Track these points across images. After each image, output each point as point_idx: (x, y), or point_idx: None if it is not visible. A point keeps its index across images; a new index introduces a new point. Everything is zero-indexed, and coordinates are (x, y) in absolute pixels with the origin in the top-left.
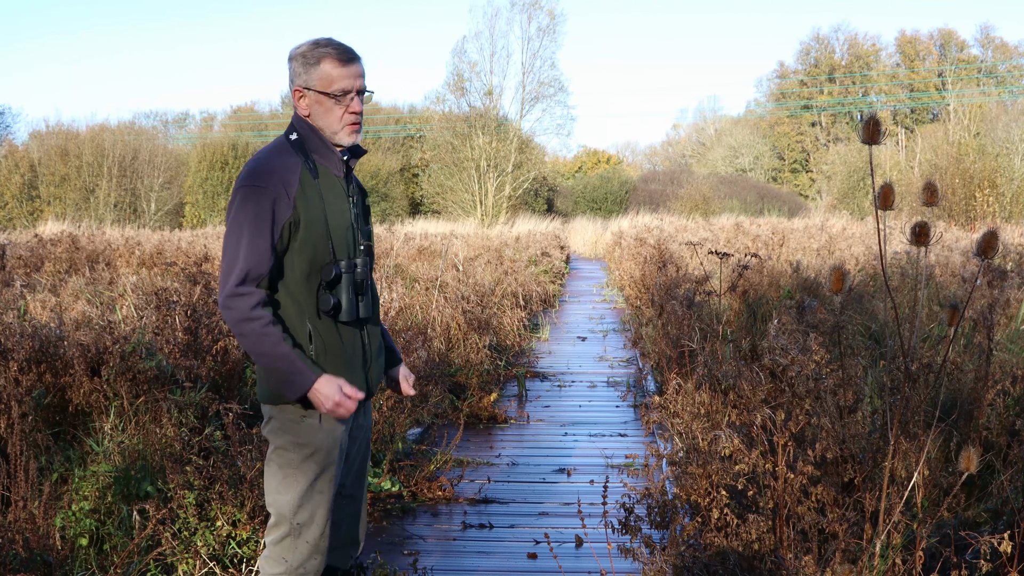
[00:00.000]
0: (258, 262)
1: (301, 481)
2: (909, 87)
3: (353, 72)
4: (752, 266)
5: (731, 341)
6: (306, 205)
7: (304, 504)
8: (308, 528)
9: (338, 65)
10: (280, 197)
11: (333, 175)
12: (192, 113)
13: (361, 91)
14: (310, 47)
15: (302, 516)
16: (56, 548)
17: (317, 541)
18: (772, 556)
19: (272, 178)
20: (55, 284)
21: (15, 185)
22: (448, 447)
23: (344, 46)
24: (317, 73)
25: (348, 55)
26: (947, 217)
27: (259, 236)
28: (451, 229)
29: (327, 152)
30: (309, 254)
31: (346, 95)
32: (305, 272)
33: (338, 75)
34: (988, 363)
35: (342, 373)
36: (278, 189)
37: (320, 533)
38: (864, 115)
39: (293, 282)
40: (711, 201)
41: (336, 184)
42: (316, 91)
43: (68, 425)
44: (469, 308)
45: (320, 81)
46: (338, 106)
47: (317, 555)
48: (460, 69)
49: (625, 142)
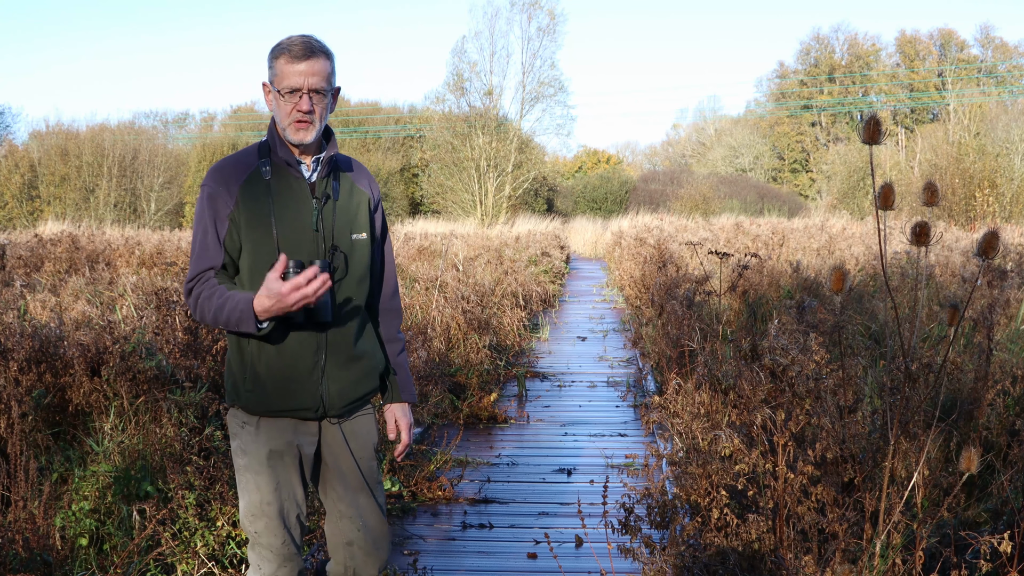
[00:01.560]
0: (205, 257)
1: (248, 490)
2: (909, 87)
3: (304, 70)
4: (752, 266)
5: (731, 341)
6: (250, 203)
7: (255, 514)
8: (265, 538)
9: (290, 62)
10: (219, 193)
11: (291, 175)
12: (192, 113)
13: (317, 90)
14: (278, 43)
15: (257, 525)
16: (56, 548)
17: (281, 550)
18: (772, 556)
19: (217, 176)
20: (55, 284)
21: (15, 185)
22: (448, 447)
23: (307, 44)
24: (274, 70)
25: (304, 52)
26: (947, 217)
27: (206, 233)
28: (451, 229)
29: (287, 153)
30: (252, 252)
31: (294, 92)
32: (250, 270)
33: (289, 72)
34: (988, 363)
35: (283, 379)
36: (219, 186)
37: (281, 542)
38: (864, 115)
39: (244, 279)
40: (711, 201)
41: (295, 184)
42: (273, 87)
43: (68, 425)
44: (469, 308)
45: (275, 78)
46: (287, 103)
47: (287, 563)
48: (460, 69)
49: (625, 142)
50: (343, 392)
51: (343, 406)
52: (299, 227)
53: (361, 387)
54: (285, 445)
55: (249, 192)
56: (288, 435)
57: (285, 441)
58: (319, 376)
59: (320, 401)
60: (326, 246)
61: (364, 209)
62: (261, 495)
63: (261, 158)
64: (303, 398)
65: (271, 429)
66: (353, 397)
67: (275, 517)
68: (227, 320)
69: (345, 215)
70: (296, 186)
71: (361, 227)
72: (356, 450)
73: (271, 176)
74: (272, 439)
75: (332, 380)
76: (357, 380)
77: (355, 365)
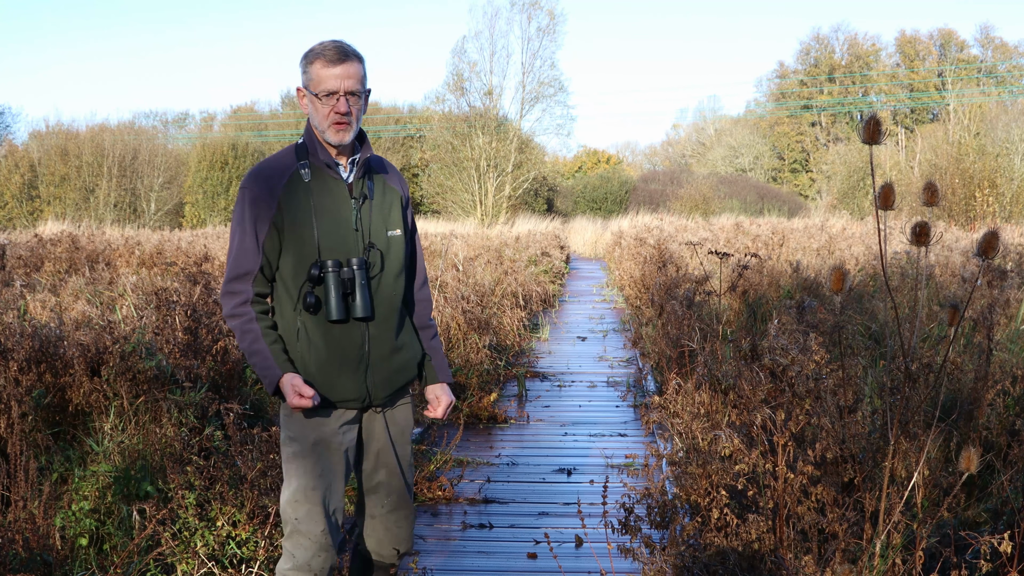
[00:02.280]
0: (244, 260)
1: (294, 476)
2: (909, 87)
3: (341, 73)
4: (752, 266)
5: (731, 341)
6: (292, 205)
7: (299, 500)
8: (306, 524)
9: (327, 66)
10: (262, 197)
11: (330, 177)
12: (192, 113)
13: (353, 92)
14: (310, 49)
15: (298, 511)
16: (56, 548)
17: (320, 538)
18: (772, 556)
19: (258, 179)
20: (55, 284)
21: (15, 185)
22: (448, 447)
23: (340, 48)
24: (311, 73)
25: (340, 57)
26: (947, 217)
27: (245, 234)
28: (451, 229)
29: (324, 154)
30: (294, 252)
31: (331, 95)
32: (292, 269)
33: (326, 76)
34: (988, 363)
35: (330, 373)
36: (261, 190)
37: (321, 529)
38: (864, 115)
39: (286, 278)
40: (711, 201)
41: (334, 186)
42: (309, 91)
43: (68, 425)
44: (469, 308)
45: (312, 82)
46: (324, 106)
47: (323, 552)
48: (460, 69)
49: (625, 142)
50: (386, 382)
51: (386, 396)
52: (339, 227)
53: (402, 377)
54: (332, 434)
55: (291, 195)
56: (335, 424)
57: (332, 429)
58: (364, 368)
59: (366, 392)
60: (364, 244)
61: (397, 207)
62: (306, 481)
63: (300, 160)
64: (350, 389)
65: (319, 418)
66: (395, 387)
67: (318, 504)
68: (254, 366)
69: (381, 213)
70: (335, 187)
71: (395, 224)
72: (395, 435)
73: (311, 178)
74: (320, 428)
75: (376, 371)
76: (398, 370)
77: (396, 356)
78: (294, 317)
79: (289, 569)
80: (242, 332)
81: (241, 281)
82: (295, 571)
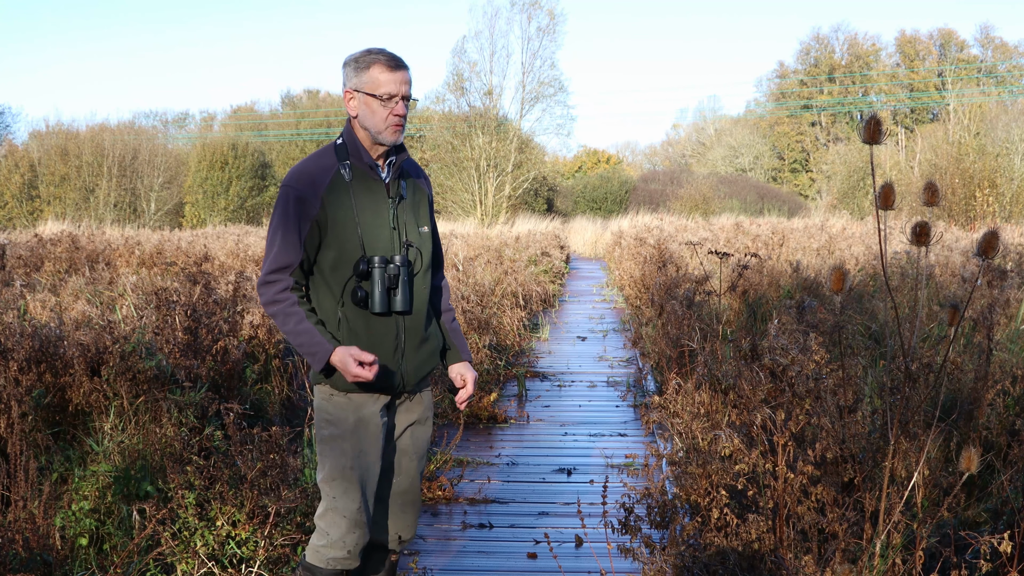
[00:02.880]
0: (286, 254)
1: (331, 456)
2: (909, 87)
3: (399, 78)
4: (752, 266)
5: (731, 341)
6: (335, 204)
7: (336, 478)
8: (342, 501)
9: (386, 71)
10: (307, 196)
11: (370, 178)
12: (192, 113)
13: (406, 97)
14: (363, 54)
15: (336, 490)
16: (56, 548)
17: (355, 515)
18: (772, 556)
19: (302, 179)
20: (55, 284)
21: (15, 185)
22: (448, 447)
23: (394, 55)
24: (366, 77)
25: (396, 63)
26: (947, 217)
27: (288, 231)
28: (451, 229)
29: (366, 156)
30: (337, 248)
31: (391, 98)
32: (334, 265)
33: (385, 80)
34: (988, 363)
35: None
36: (306, 189)
37: (357, 507)
38: (864, 115)
39: (327, 272)
40: (711, 201)
41: (373, 186)
42: (365, 93)
43: (68, 425)
44: (469, 308)
45: (369, 84)
46: (383, 108)
47: (356, 529)
48: (460, 69)
49: (625, 142)
50: (417, 370)
51: (416, 382)
52: (379, 225)
53: (429, 364)
54: (371, 416)
55: (333, 195)
56: (374, 407)
57: (371, 411)
58: (400, 357)
59: (401, 379)
60: (400, 241)
61: (425, 205)
62: (345, 460)
63: (341, 161)
64: (388, 376)
65: (359, 402)
66: (423, 374)
67: (355, 482)
68: (300, 345)
69: (413, 213)
70: (375, 187)
71: (424, 222)
72: (419, 418)
73: (351, 178)
74: (360, 410)
75: (409, 360)
76: (426, 359)
77: (425, 346)
78: (335, 309)
79: (323, 546)
80: (286, 315)
81: (280, 272)
82: (328, 548)
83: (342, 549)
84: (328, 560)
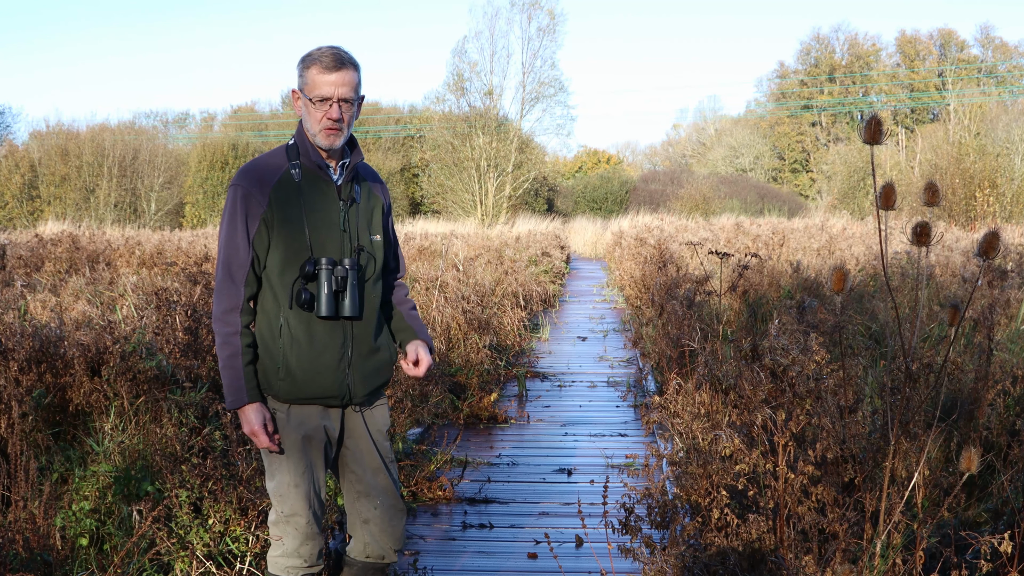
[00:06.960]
0: (236, 253)
1: (278, 471)
2: (909, 87)
3: (336, 80)
4: (752, 266)
5: (731, 341)
6: (282, 203)
7: (283, 494)
8: (292, 519)
9: (323, 72)
10: (252, 194)
11: (321, 179)
12: (192, 113)
13: (346, 99)
14: (308, 54)
15: (284, 506)
16: (56, 548)
17: (305, 529)
18: (772, 556)
19: (250, 177)
20: (55, 284)
21: (15, 185)
22: (448, 447)
23: (337, 55)
24: (307, 77)
25: (337, 64)
26: (947, 217)
27: (235, 230)
28: (451, 229)
29: (315, 156)
30: (283, 249)
31: (324, 101)
32: (280, 266)
33: (321, 81)
34: (988, 363)
35: (312, 369)
36: (252, 187)
37: (306, 520)
38: (865, 115)
39: (272, 275)
40: (711, 201)
41: (324, 187)
42: (304, 95)
43: (68, 425)
44: (469, 308)
45: (307, 86)
46: (317, 110)
47: (309, 541)
48: (460, 69)
49: (625, 142)
50: (365, 381)
51: (365, 394)
52: (328, 227)
53: (379, 376)
54: (313, 430)
55: (281, 193)
56: (316, 420)
57: (313, 426)
58: (345, 366)
59: (346, 389)
60: (351, 245)
61: (379, 213)
62: (291, 477)
63: (291, 160)
64: (331, 386)
65: (301, 415)
66: (373, 386)
67: (302, 498)
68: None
69: (365, 218)
70: (325, 188)
71: (377, 229)
72: (375, 434)
73: (301, 178)
74: (302, 424)
75: (356, 370)
76: (376, 370)
77: (375, 356)
78: (277, 314)
79: (279, 556)
80: (223, 341)
81: (234, 283)
82: (285, 557)
83: (298, 558)
84: (287, 568)
